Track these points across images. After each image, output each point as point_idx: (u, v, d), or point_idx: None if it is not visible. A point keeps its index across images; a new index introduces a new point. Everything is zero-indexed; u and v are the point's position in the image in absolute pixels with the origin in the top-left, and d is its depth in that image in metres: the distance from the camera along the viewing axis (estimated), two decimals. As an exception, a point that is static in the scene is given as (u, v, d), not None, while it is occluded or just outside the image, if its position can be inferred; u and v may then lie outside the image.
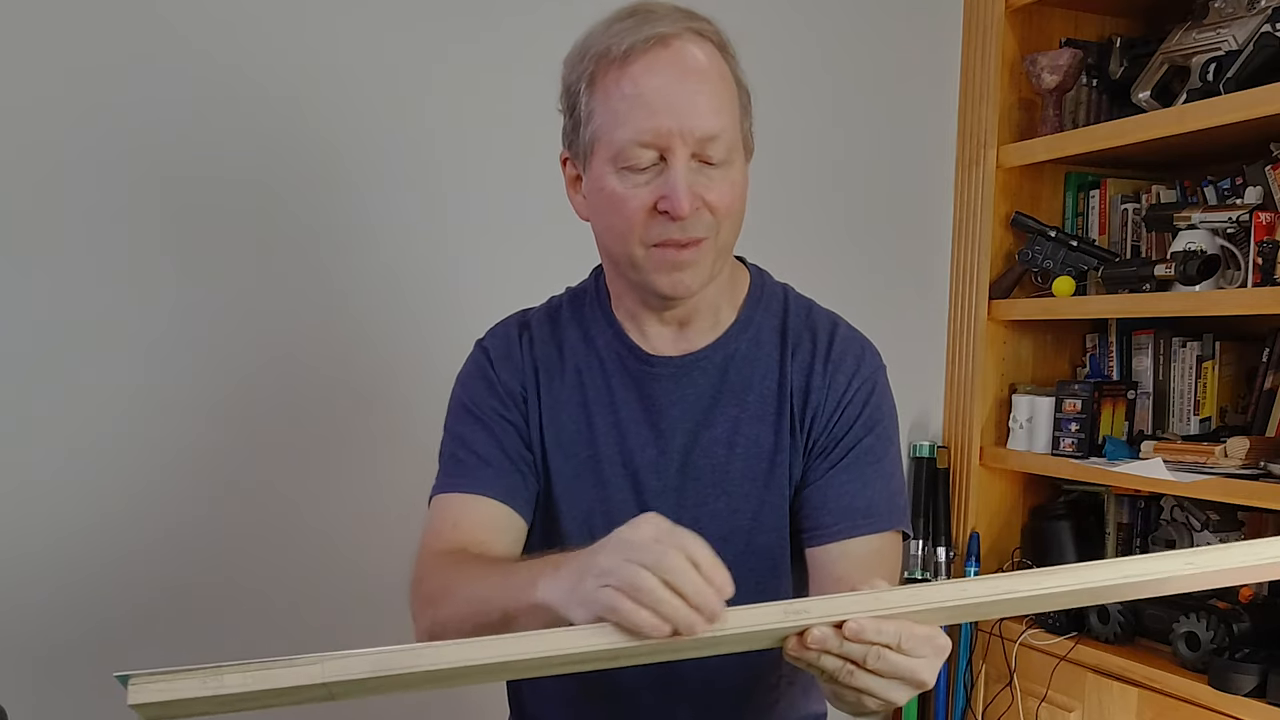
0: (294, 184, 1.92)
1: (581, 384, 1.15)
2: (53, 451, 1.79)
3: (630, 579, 0.77)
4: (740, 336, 1.15)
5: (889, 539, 1.11)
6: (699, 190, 1.02)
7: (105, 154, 1.79)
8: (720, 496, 1.12)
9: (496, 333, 1.21)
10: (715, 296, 1.14)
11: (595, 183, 1.06)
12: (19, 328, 1.76)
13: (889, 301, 2.39)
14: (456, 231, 2.02)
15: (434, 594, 1.02)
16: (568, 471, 1.14)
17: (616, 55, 1.01)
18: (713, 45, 1.05)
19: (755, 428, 1.13)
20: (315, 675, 0.74)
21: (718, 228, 1.05)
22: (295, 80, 1.90)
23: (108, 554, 1.82)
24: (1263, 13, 1.97)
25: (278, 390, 1.92)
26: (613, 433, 1.14)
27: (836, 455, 1.12)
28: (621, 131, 1.01)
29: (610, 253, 1.11)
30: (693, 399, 1.13)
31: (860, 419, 1.12)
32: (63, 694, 1.77)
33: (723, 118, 1.03)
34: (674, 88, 1.01)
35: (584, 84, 1.05)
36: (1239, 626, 1.86)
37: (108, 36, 1.78)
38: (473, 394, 1.16)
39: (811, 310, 1.19)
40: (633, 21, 1.03)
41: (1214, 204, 2.12)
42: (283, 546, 1.93)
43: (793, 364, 1.14)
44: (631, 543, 0.80)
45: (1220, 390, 2.21)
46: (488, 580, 0.96)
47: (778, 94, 2.27)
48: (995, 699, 2.25)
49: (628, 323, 1.16)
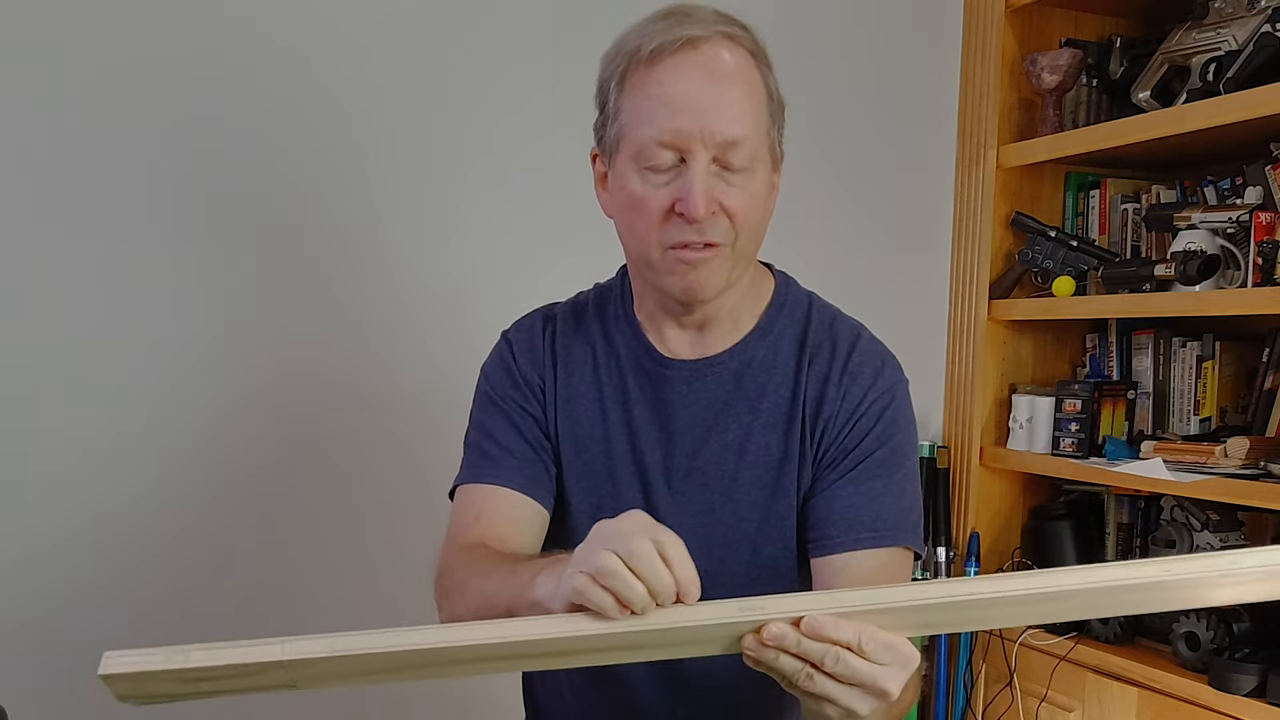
0: (300, 184, 1.92)
1: (599, 380, 1.16)
2: (54, 452, 1.78)
3: (597, 562, 0.78)
4: (759, 343, 1.14)
5: (896, 555, 1.08)
6: (717, 195, 1.01)
7: (107, 155, 1.79)
8: (727, 504, 1.12)
9: (522, 324, 1.21)
10: (735, 303, 1.13)
11: (618, 181, 1.06)
12: (19, 328, 1.76)
13: (889, 301, 2.39)
14: (463, 232, 2.02)
15: (450, 588, 1.03)
16: (579, 465, 1.15)
17: (645, 54, 1.01)
18: (745, 51, 1.04)
19: (766, 435, 1.12)
20: (275, 654, 0.76)
21: (735, 235, 1.04)
22: (300, 76, 1.90)
23: (109, 554, 1.82)
24: (1263, 13, 1.97)
25: (285, 392, 1.92)
26: (624, 431, 1.14)
27: (845, 467, 1.10)
28: (644, 130, 1.01)
29: (630, 252, 1.11)
30: (704, 403, 1.13)
31: (873, 432, 1.10)
32: (63, 694, 1.77)
33: (746, 124, 1.02)
34: (699, 90, 1.00)
35: (615, 81, 1.05)
36: (1239, 626, 1.86)
37: (105, 37, 1.78)
38: (496, 384, 1.17)
39: (836, 320, 1.18)
40: (667, 23, 1.03)
41: (1214, 204, 2.12)
42: (284, 546, 1.93)
43: (809, 373, 1.13)
44: (607, 533, 0.81)
45: (1220, 390, 2.21)
46: (495, 577, 0.96)
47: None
48: (995, 699, 2.25)
49: (647, 324, 1.16)
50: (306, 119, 1.91)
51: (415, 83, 1.98)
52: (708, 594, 1.01)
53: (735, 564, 1.11)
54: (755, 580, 1.10)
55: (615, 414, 1.14)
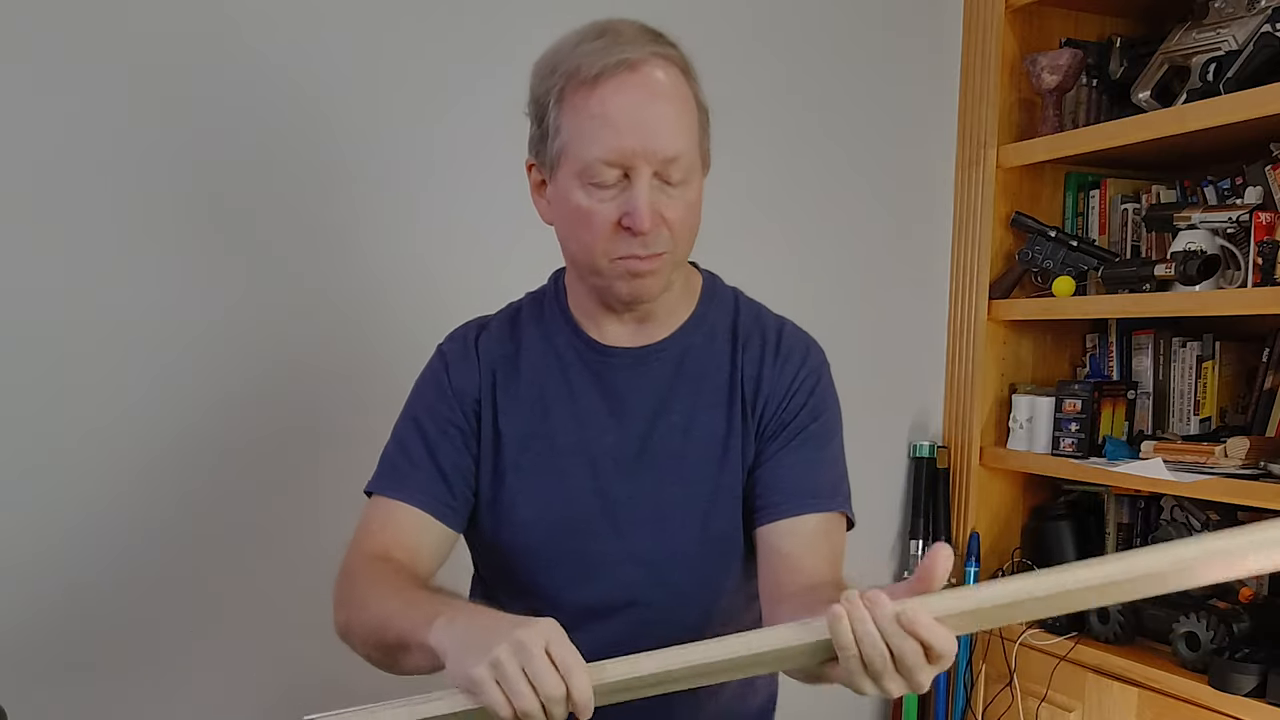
0: (292, 182, 1.92)
1: (539, 380, 1.21)
2: (54, 452, 1.79)
3: (505, 671, 0.84)
4: (695, 331, 1.22)
5: (834, 520, 1.17)
6: (659, 208, 1.09)
7: (99, 154, 1.79)
8: (677, 482, 1.18)
9: (455, 336, 1.26)
10: (671, 297, 1.20)
11: (561, 194, 1.12)
12: (16, 328, 1.76)
13: (889, 301, 2.39)
14: (464, 229, 2.02)
15: (350, 598, 1.11)
16: (525, 464, 1.19)
17: (587, 76, 1.07)
18: (676, 69, 1.11)
19: (709, 415, 1.19)
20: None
21: (675, 242, 1.12)
22: (285, 80, 1.90)
23: (109, 554, 1.82)
24: (1263, 13, 1.97)
25: (285, 390, 1.92)
26: (571, 423, 1.19)
27: (785, 438, 1.18)
28: (590, 150, 1.07)
29: (574, 259, 1.17)
30: (650, 387, 1.19)
31: (807, 406, 1.19)
32: (63, 694, 1.77)
33: (683, 140, 1.09)
34: (640, 111, 1.07)
35: (553, 99, 1.10)
36: (1239, 626, 1.86)
37: (105, 37, 1.79)
38: (423, 399, 1.23)
39: (761, 312, 1.26)
40: (602, 43, 1.08)
41: (1214, 204, 2.12)
42: (286, 546, 1.93)
43: (744, 356, 1.21)
44: (519, 641, 0.86)
45: (1220, 390, 2.21)
46: (393, 603, 1.03)
47: (778, 94, 2.27)
48: (995, 699, 2.26)
49: (585, 321, 1.22)
50: (306, 118, 1.92)
51: (414, 82, 1.98)
52: (667, 567, 1.16)
53: (688, 540, 1.18)
54: (707, 554, 1.18)
55: (559, 408, 1.19)
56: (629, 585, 1.17)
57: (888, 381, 2.41)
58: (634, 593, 1.17)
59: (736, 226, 2.24)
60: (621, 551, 1.17)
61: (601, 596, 1.17)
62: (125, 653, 1.83)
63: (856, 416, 2.39)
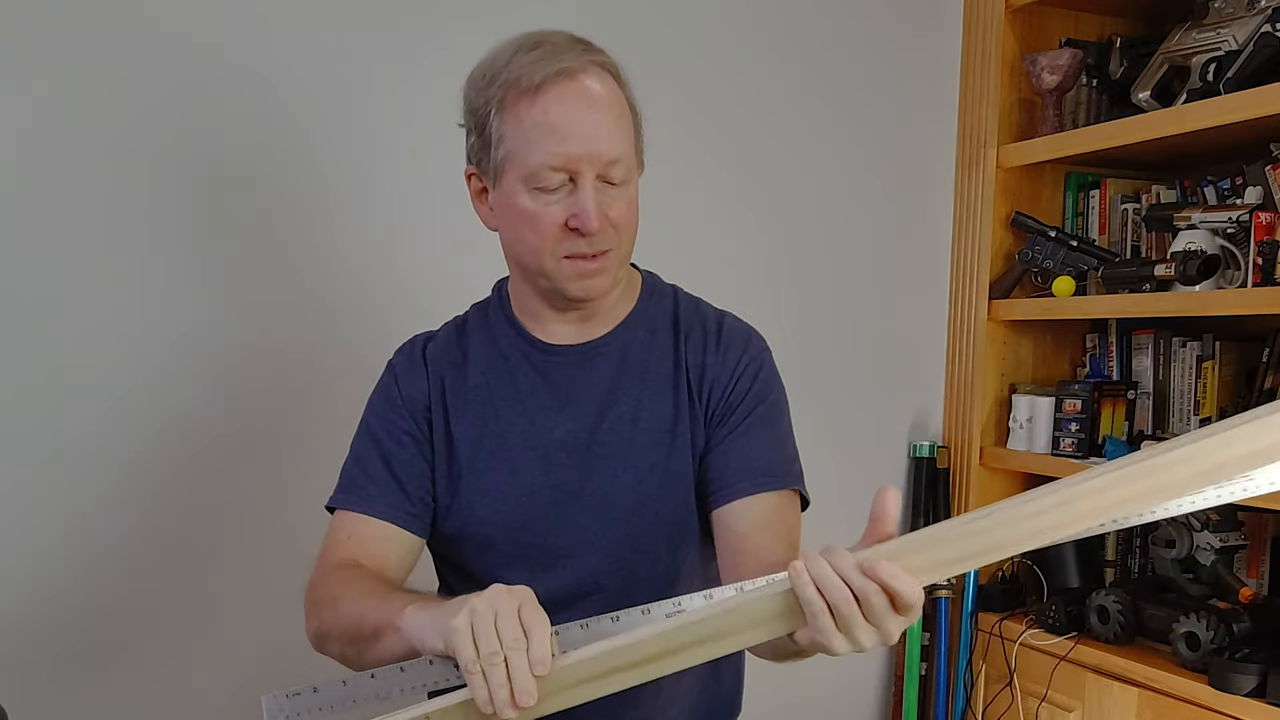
0: (282, 183, 1.92)
1: (487, 383, 1.25)
2: (52, 452, 1.78)
3: (479, 618, 0.88)
4: (637, 325, 1.27)
5: (787, 498, 1.20)
6: (604, 208, 1.14)
7: (91, 154, 1.79)
8: (628, 469, 1.21)
9: (403, 349, 1.31)
10: (613, 295, 1.25)
11: (506, 199, 1.17)
12: (15, 328, 1.76)
13: (889, 301, 2.39)
14: (464, 229, 2.02)
15: (323, 601, 1.14)
16: (479, 464, 1.23)
17: (529, 86, 1.12)
18: (610, 76, 1.16)
19: (656, 403, 1.23)
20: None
21: (619, 240, 1.17)
22: (288, 79, 1.90)
23: (108, 554, 1.82)
24: (1263, 13, 1.97)
25: (268, 386, 1.92)
26: (521, 420, 1.23)
27: (734, 421, 1.22)
28: (535, 156, 1.12)
29: (521, 262, 1.21)
30: (596, 381, 1.24)
31: (753, 390, 1.23)
32: (63, 694, 1.77)
33: (621, 143, 1.14)
34: (581, 117, 1.12)
35: (494, 108, 1.15)
36: (1239, 626, 1.86)
37: (105, 38, 1.79)
38: (376, 412, 1.27)
39: (700, 304, 1.31)
40: (539, 53, 1.13)
41: (1214, 204, 2.12)
42: (286, 546, 1.92)
43: (687, 346, 1.25)
44: (496, 593, 0.90)
45: (1220, 390, 2.21)
46: (368, 601, 1.07)
47: (778, 94, 2.27)
48: (995, 699, 2.26)
49: (530, 322, 1.26)
50: (304, 117, 1.92)
51: (409, 81, 1.98)
52: (624, 554, 1.20)
53: (642, 525, 1.21)
54: (662, 537, 1.22)
55: (508, 407, 1.24)
56: (589, 574, 1.21)
57: (888, 381, 2.41)
58: (594, 581, 1.21)
59: (737, 227, 2.24)
60: (579, 541, 1.21)
61: (563, 586, 1.19)
62: (125, 652, 1.83)
63: (856, 416, 2.44)
